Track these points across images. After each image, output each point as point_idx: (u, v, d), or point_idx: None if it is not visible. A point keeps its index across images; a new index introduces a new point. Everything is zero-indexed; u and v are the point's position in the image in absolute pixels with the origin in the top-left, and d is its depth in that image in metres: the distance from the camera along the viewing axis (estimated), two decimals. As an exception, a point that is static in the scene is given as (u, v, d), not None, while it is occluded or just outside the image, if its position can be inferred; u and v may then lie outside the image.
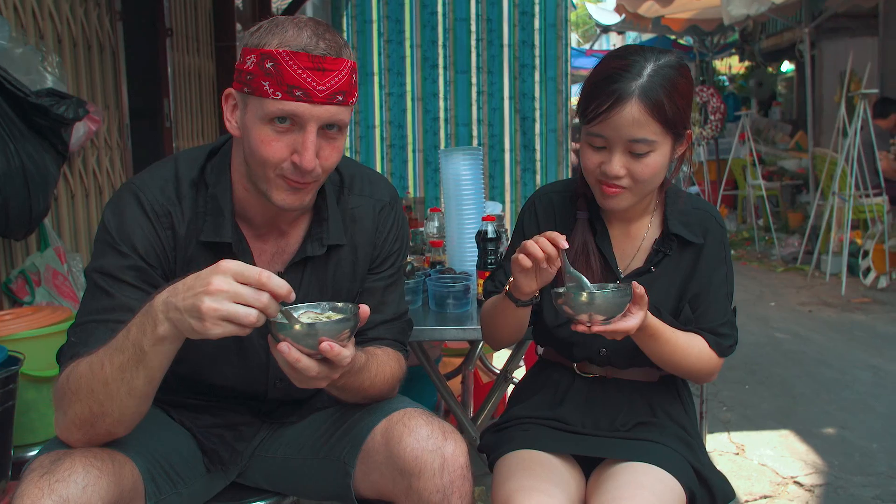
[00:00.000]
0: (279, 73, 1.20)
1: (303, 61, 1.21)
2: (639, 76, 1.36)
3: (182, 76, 4.48)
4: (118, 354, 1.14)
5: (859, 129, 6.08)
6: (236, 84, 1.27)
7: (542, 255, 1.33)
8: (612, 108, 1.36)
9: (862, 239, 6.33)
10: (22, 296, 2.73)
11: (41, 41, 2.94)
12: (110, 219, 1.31)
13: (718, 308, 1.51)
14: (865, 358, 4.37)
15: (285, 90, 1.21)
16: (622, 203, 1.45)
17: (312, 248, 1.40)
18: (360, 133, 4.80)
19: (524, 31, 4.74)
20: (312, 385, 1.20)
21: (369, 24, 4.74)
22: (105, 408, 1.16)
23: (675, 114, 1.38)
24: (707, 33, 10.48)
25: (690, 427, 1.56)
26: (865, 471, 2.93)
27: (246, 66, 1.23)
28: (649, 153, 1.38)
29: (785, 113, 11.60)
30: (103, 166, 3.48)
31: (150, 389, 1.18)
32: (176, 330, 1.10)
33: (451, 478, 1.29)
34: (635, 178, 1.40)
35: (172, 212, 1.34)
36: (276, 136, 1.24)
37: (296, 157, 1.25)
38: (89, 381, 1.16)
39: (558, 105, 4.75)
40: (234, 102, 1.29)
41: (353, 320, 1.17)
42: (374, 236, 1.48)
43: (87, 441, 1.21)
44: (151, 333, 1.11)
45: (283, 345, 1.13)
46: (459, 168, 2.22)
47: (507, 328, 1.54)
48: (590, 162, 1.44)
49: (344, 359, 1.16)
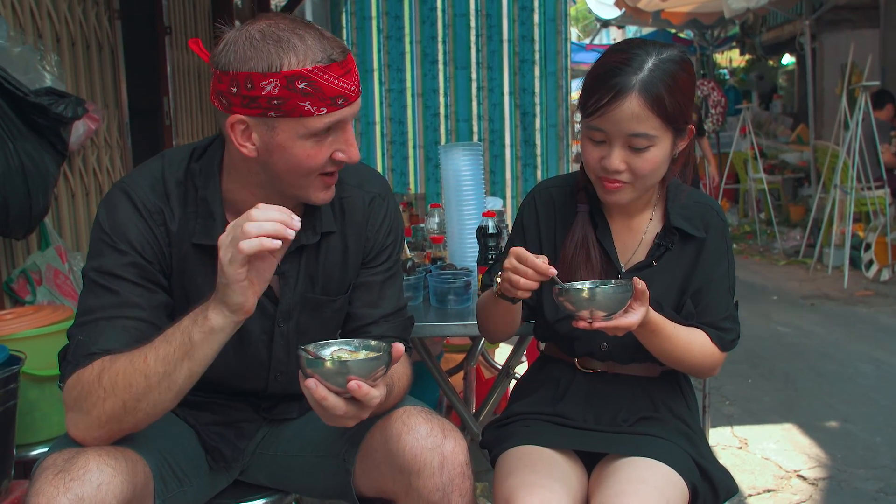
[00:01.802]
0: (318, 90, 1.20)
1: (335, 71, 1.22)
2: (639, 70, 1.35)
3: (181, 74, 4.47)
4: (164, 345, 1.17)
5: (861, 122, 6.06)
6: (248, 110, 1.22)
7: (526, 289, 1.34)
8: (611, 102, 1.35)
9: (864, 232, 6.32)
10: (23, 295, 2.73)
11: (39, 40, 2.94)
12: (105, 218, 1.32)
13: (720, 302, 1.51)
14: (868, 351, 4.37)
15: (329, 104, 1.22)
16: (623, 198, 1.44)
17: (306, 236, 1.40)
18: (361, 129, 4.79)
19: (524, 26, 4.72)
20: (340, 423, 1.20)
21: (369, 21, 4.73)
22: (140, 402, 1.17)
23: (676, 109, 1.37)
24: (707, 27, 10.45)
25: (692, 421, 1.56)
26: (869, 464, 2.92)
27: (265, 91, 1.19)
28: (649, 148, 1.38)
29: (786, 106, 11.58)
30: (103, 165, 3.48)
31: (188, 385, 1.20)
32: (223, 314, 1.14)
33: (450, 475, 1.29)
34: (635, 173, 1.40)
35: (164, 209, 1.34)
36: (318, 146, 1.26)
37: (339, 154, 1.29)
38: (128, 375, 1.16)
39: (558, 100, 4.74)
40: (243, 127, 1.25)
41: (385, 359, 1.16)
42: (364, 228, 1.48)
43: (105, 439, 1.21)
44: (203, 323, 1.15)
45: (310, 381, 1.14)
46: (459, 164, 2.22)
47: (500, 322, 1.54)
48: (590, 157, 1.43)
49: (373, 399, 1.16)
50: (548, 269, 1.32)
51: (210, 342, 1.16)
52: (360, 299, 1.49)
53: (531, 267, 1.32)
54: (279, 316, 1.43)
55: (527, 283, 1.34)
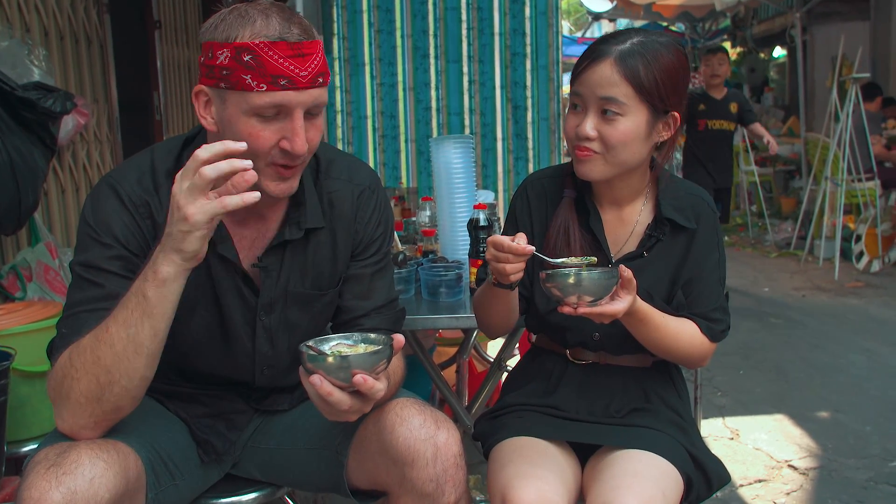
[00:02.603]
0: (260, 65, 1.19)
1: (283, 49, 1.20)
2: (622, 43, 1.41)
3: (171, 68, 4.45)
4: (122, 311, 1.17)
5: (851, 114, 6.09)
6: (207, 80, 1.25)
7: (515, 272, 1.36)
8: (588, 66, 1.42)
9: (855, 223, 6.35)
10: (13, 291, 2.72)
11: (27, 34, 2.92)
12: (90, 213, 1.32)
13: (711, 293, 1.51)
14: (859, 342, 4.39)
15: (269, 81, 1.20)
16: (595, 170, 1.45)
17: (290, 231, 1.40)
18: (353, 124, 4.77)
19: (515, 19, 4.71)
20: (343, 418, 1.20)
21: (359, 14, 4.71)
22: (112, 375, 1.17)
23: (651, 84, 1.39)
24: (699, 19, 10.47)
25: (684, 412, 1.56)
26: (859, 453, 2.94)
27: (219, 61, 1.21)
28: (618, 116, 1.40)
29: (777, 98, 11.61)
30: (93, 160, 3.46)
31: (156, 346, 1.19)
32: (175, 263, 1.14)
33: (444, 466, 1.29)
34: (605, 143, 1.42)
35: (150, 201, 1.34)
36: (262, 126, 1.24)
37: (285, 143, 1.25)
38: (94, 350, 1.17)
39: (550, 93, 4.73)
40: (206, 98, 1.27)
41: (387, 352, 1.16)
42: (353, 221, 1.47)
43: (92, 425, 1.21)
44: (153, 277, 1.15)
45: (314, 377, 1.14)
46: (451, 156, 2.21)
47: (498, 313, 1.53)
48: (569, 125, 1.49)
49: (378, 392, 1.16)
50: (524, 248, 1.33)
51: (165, 294, 1.15)
52: (351, 291, 1.49)
53: (509, 251, 1.34)
54: (260, 308, 1.42)
55: (513, 266, 1.35)
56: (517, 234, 1.35)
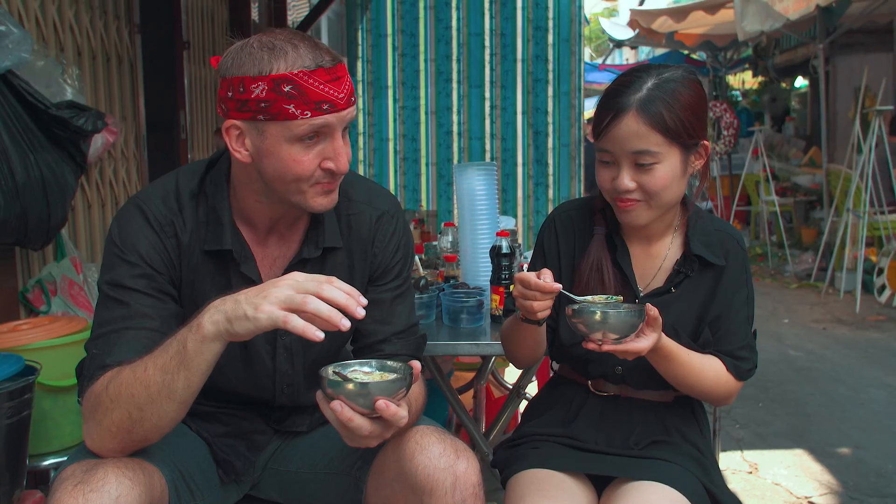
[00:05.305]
0: (302, 93, 1.23)
1: (321, 76, 1.24)
2: (639, 90, 1.40)
3: (198, 88, 4.52)
4: (162, 355, 1.18)
5: (874, 146, 6.05)
6: (240, 114, 1.26)
7: (542, 310, 1.36)
8: (612, 122, 1.40)
9: (877, 256, 6.28)
10: (38, 305, 2.75)
11: (61, 54, 2.98)
12: (116, 232, 1.35)
13: (738, 331, 1.51)
14: (880, 376, 4.33)
15: (313, 108, 1.24)
16: (640, 217, 1.46)
17: (308, 250, 1.43)
18: (374, 146, 4.82)
19: (538, 46, 4.76)
20: (364, 444, 1.21)
21: (384, 38, 4.78)
22: (144, 413, 1.18)
23: (678, 124, 1.39)
24: (720, 48, 10.46)
25: (704, 447, 1.55)
26: (881, 492, 2.89)
27: (254, 94, 1.24)
28: (654, 164, 1.40)
29: (798, 128, 11.55)
30: (119, 177, 3.52)
31: (189, 395, 1.20)
32: (218, 326, 1.14)
33: (462, 496, 1.29)
34: (646, 191, 1.42)
35: (175, 221, 1.37)
36: (304, 152, 1.28)
37: (327, 163, 1.30)
38: (130, 386, 1.18)
39: (571, 119, 4.76)
40: (238, 132, 1.29)
41: (407, 380, 1.18)
42: (370, 245, 1.49)
43: (119, 450, 1.22)
44: (197, 331, 1.15)
45: (335, 403, 1.15)
46: (474, 183, 2.22)
47: (526, 346, 1.54)
48: (603, 179, 1.46)
49: (401, 419, 1.18)
50: (552, 285, 1.33)
51: (202, 350, 1.16)
52: (371, 315, 1.49)
53: (536, 289, 1.34)
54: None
55: (540, 304, 1.35)
56: (543, 271, 1.35)
